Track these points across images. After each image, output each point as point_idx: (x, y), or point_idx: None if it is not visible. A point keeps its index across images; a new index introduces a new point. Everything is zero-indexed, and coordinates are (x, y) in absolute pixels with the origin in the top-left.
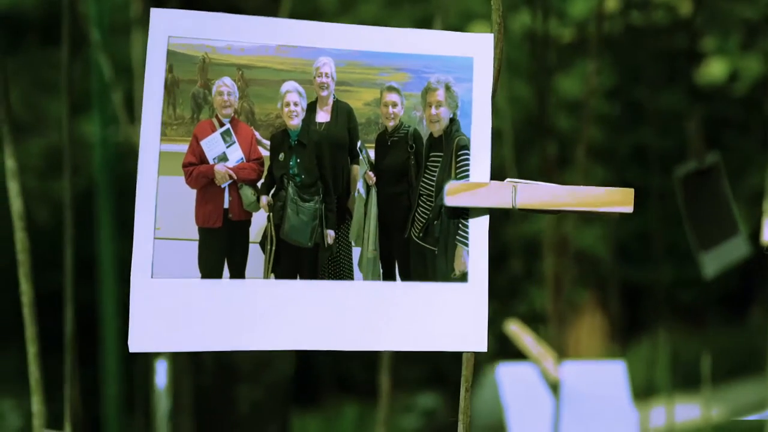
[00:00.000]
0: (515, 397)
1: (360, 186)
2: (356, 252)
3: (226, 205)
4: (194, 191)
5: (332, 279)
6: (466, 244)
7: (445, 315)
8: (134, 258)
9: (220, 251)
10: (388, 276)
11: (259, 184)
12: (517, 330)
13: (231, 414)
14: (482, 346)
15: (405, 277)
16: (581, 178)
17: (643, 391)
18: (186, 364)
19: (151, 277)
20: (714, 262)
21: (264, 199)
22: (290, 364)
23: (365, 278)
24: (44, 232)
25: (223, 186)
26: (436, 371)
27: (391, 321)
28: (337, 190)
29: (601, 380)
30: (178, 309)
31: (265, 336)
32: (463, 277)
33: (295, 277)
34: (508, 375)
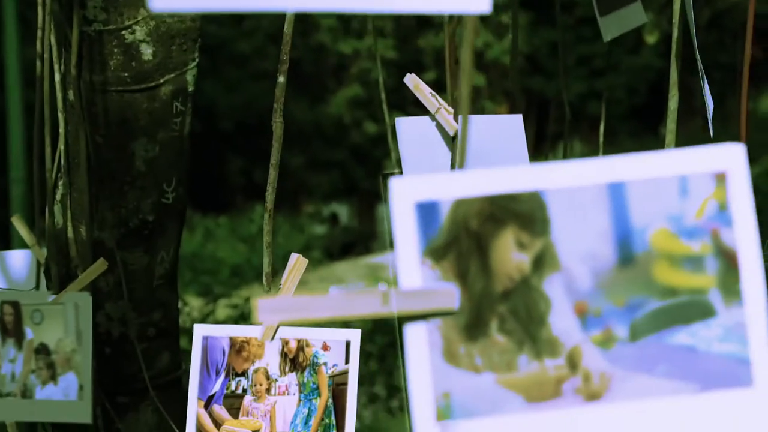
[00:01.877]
0: (411, 150)
1: None
2: None
3: None
4: None
5: None
6: None
7: None
8: None
9: None
10: None
11: None
12: (414, 79)
13: (126, 170)
14: (485, 7)
15: None
16: None
17: None
18: (80, 120)
19: None
20: (612, 26)
21: None
22: (188, 121)
23: None
24: None
25: None
26: (346, 181)
27: None
28: None
29: (499, 132)
30: None
31: None
32: None
33: None
34: (404, 127)
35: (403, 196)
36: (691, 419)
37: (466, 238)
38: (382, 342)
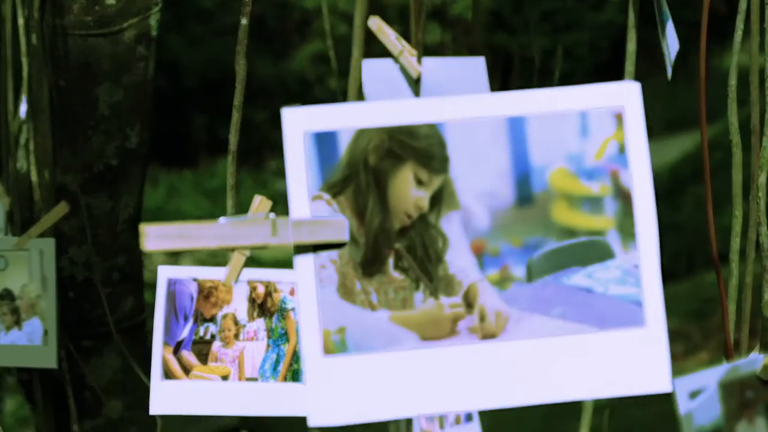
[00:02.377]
0: (375, 92)
1: None
2: None
3: None
4: None
5: None
6: None
7: None
8: None
9: None
10: None
11: None
12: (378, 23)
13: (90, 115)
14: None
15: None
16: None
17: None
18: (43, 64)
19: None
20: None
21: None
22: (151, 66)
23: None
24: None
25: None
26: None
27: None
28: None
29: (461, 74)
30: None
31: None
32: None
33: None
34: (369, 70)
35: (294, 126)
36: (585, 358)
37: (364, 173)
38: None
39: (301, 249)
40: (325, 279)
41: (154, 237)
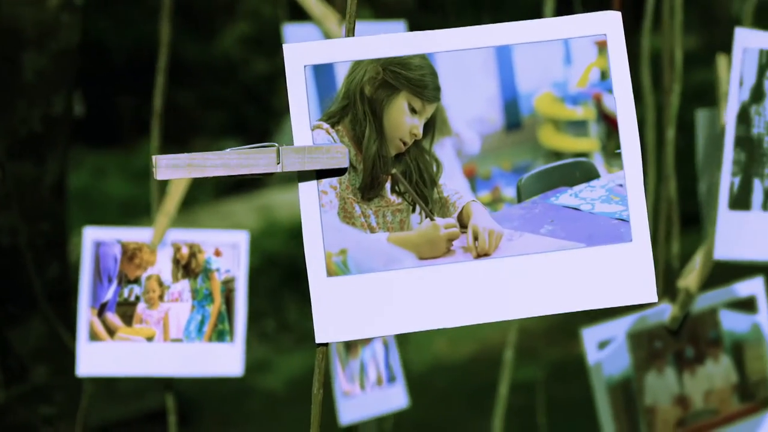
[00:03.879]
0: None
1: None
2: None
3: None
4: None
5: None
6: None
7: None
8: None
9: None
10: None
11: None
12: None
13: (15, 81)
14: None
15: None
16: None
17: None
18: None
19: None
20: None
21: None
22: (76, 34)
23: None
24: None
25: None
26: (235, 119)
27: None
28: None
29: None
30: None
31: None
32: None
33: None
34: (292, 35)
35: (294, 60)
36: (575, 272)
37: (361, 103)
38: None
39: (304, 176)
40: (326, 204)
41: (164, 166)
